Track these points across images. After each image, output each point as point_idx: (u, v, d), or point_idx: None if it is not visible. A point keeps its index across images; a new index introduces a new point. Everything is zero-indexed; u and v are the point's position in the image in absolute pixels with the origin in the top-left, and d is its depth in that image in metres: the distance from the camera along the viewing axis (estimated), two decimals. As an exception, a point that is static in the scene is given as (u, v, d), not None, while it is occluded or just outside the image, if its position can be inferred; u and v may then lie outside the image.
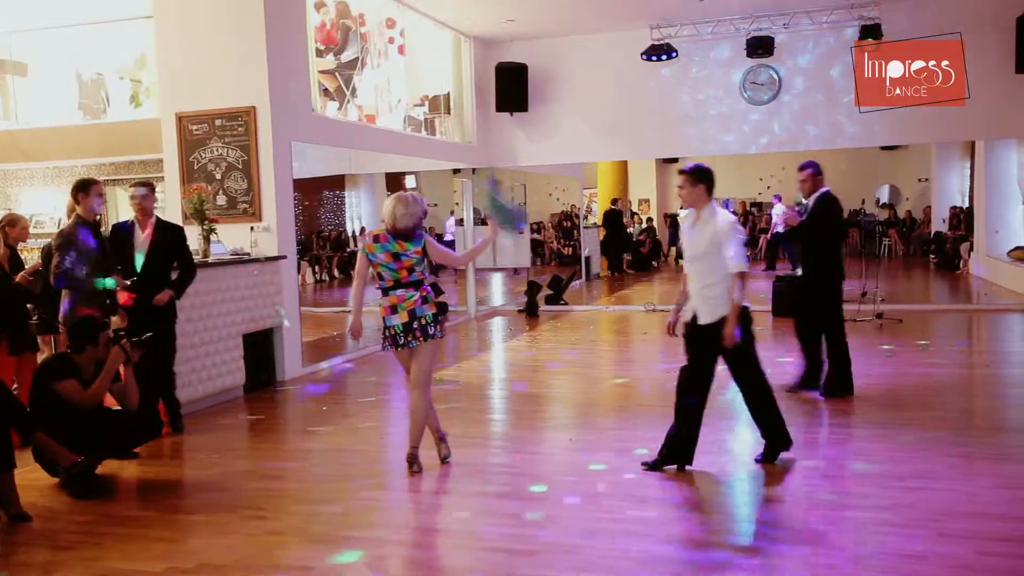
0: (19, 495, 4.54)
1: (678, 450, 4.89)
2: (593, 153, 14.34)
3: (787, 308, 11.05)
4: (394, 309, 5.04)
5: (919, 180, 22.05)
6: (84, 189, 5.86)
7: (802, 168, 6.86)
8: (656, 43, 11.97)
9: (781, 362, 7.82)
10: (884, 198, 13.04)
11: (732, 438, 5.71)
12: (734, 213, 18.93)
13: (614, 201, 20.08)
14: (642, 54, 12.00)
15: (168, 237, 6.21)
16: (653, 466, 4.93)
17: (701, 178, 5.08)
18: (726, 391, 5.99)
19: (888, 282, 13.06)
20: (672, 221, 22.51)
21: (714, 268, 4.82)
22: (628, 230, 21.29)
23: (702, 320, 4.87)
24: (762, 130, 12.26)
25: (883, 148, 18.65)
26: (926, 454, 5.11)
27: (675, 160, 23.28)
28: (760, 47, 11.66)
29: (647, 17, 11.83)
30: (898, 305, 11.26)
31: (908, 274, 17.17)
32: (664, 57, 11.96)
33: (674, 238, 22.32)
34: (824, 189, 6.81)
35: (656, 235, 21.65)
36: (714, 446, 5.32)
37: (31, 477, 5.00)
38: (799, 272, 7.65)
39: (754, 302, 6.45)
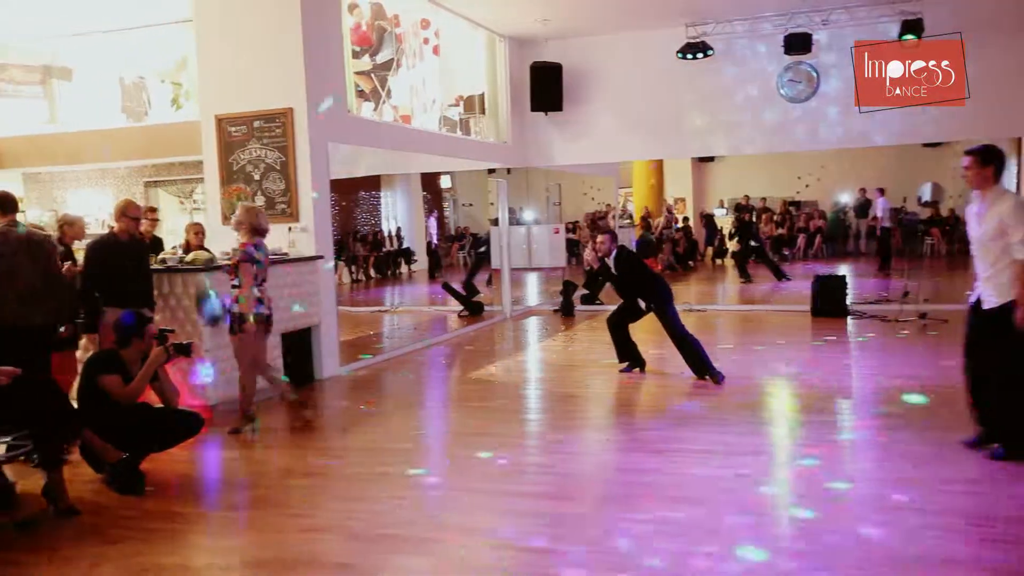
0: (67, 490, 4.65)
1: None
2: (628, 152, 14.28)
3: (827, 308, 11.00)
4: (261, 301, 6.21)
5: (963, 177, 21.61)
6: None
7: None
8: (692, 41, 11.88)
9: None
10: (926, 196, 12.77)
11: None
12: (741, 214, 18.69)
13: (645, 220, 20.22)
14: (677, 52, 11.92)
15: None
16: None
17: (990, 159, 4.85)
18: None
19: (931, 282, 12.81)
20: (708, 220, 22.31)
21: (1002, 252, 4.69)
22: (664, 230, 21.16)
23: (987, 304, 4.76)
24: (800, 128, 12.11)
25: (925, 145, 18.29)
26: (972, 457, 5.01)
27: (711, 159, 23.11)
28: (798, 44, 11.51)
29: (683, 15, 11.74)
30: (942, 305, 11.04)
31: (952, 274, 16.83)
32: (700, 55, 11.87)
33: (710, 237, 22.13)
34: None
35: (692, 235, 21.46)
36: (746, 447, 5.25)
37: (78, 472, 5.11)
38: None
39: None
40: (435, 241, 20.80)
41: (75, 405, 5.02)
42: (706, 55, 11.87)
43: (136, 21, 11.36)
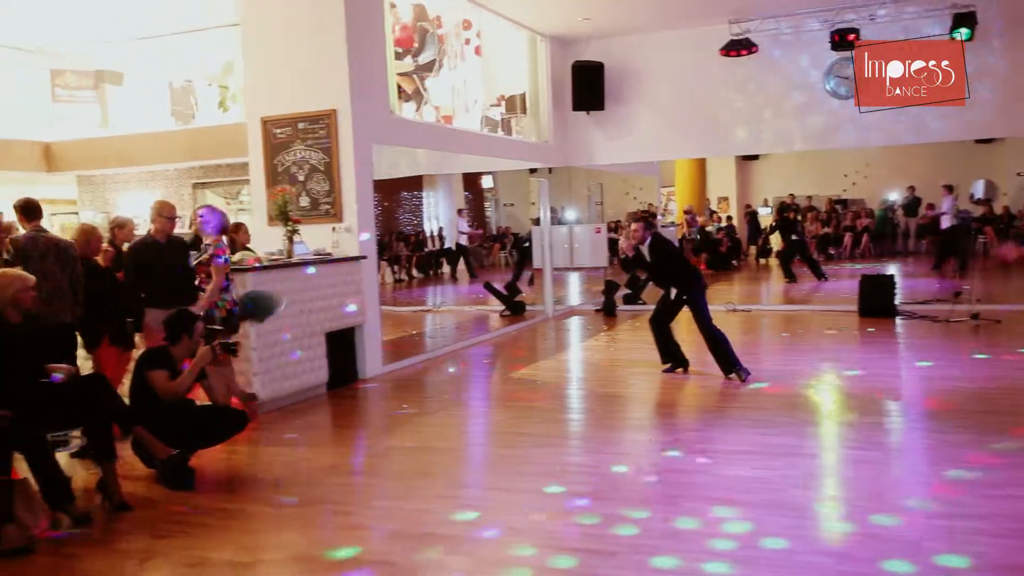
0: (120, 485, 4.76)
1: None
2: (671, 151, 14.18)
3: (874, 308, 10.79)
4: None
5: (1017, 174, 21.03)
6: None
7: None
8: (735, 38, 11.74)
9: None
10: (979, 193, 12.49)
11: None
12: (786, 213, 18.24)
13: (688, 212, 20.08)
14: (721, 50, 11.79)
15: None
16: None
17: None
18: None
19: (984, 282, 12.48)
20: (751, 217, 22.02)
21: None
22: (707, 228, 20.98)
23: None
24: (847, 125, 11.91)
25: (978, 141, 17.83)
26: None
27: (755, 157, 22.81)
28: (845, 40, 11.30)
29: (726, 12, 11.61)
30: (995, 305, 10.77)
31: (1006, 273, 16.39)
32: (744, 52, 11.73)
33: (754, 235, 21.85)
34: None
35: (735, 234, 21.22)
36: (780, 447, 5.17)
37: (130, 468, 5.23)
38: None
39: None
40: (462, 240, 20.80)
41: (128, 402, 5.15)
42: (750, 52, 11.73)
43: (184, 26, 11.61)
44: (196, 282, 6.29)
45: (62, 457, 5.40)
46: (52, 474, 4.45)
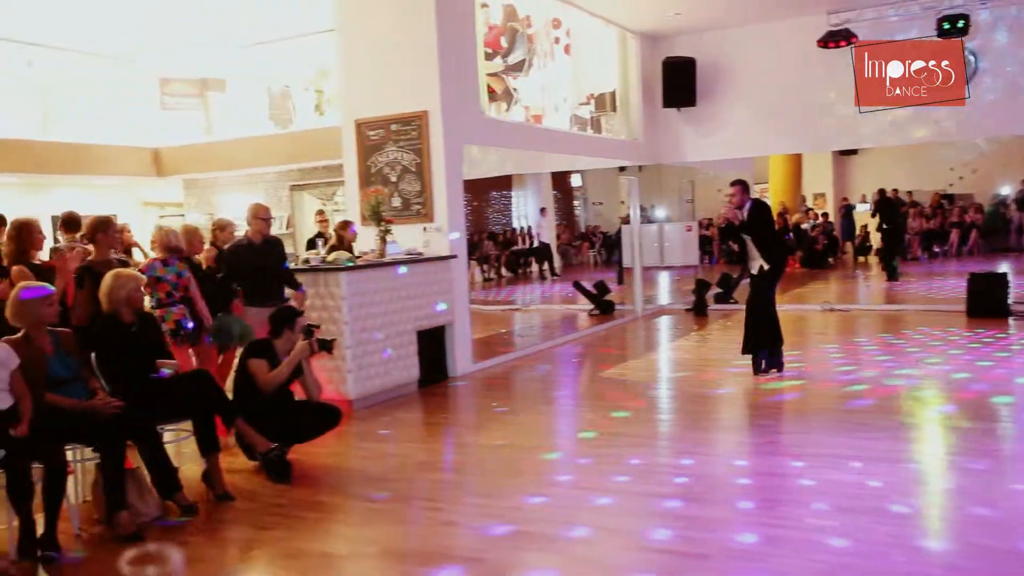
0: (224, 477, 4.96)
1: None
2: (765, 147, 13.82)
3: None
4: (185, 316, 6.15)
5: None
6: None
7: None
8: (834, 29, 11.35)
9: None
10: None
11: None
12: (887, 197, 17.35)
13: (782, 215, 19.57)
14: (818, 41, 11.42)
15: None
16: None
17: None
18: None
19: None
20: (846, 211, 21.23)
21: None
22: (803, 226, 20.39)
23: None
24: (954, 117, 11.35)
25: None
26: None
27: (854, 152, 22.01)
28: (954, 26, 10.78)
29: (824, 2, 11.25)
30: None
31: None
32: (843, 43, 11.31)
33: (849, 231, 21.07)
34: None
35: (832, 231, 20.53)
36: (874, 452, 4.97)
37: (234, 461, 5.44)
38: None
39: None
40: (542, 239, 20.82)
41: (232, 395, 5.36)
42: (849, 43, 11.30)
43: (282, 33, 12.00)
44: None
45: (170, 448, 5.65)
46: (163, 464, 4.68)
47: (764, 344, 7.52)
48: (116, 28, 11.40)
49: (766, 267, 7.44)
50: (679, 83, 12.50)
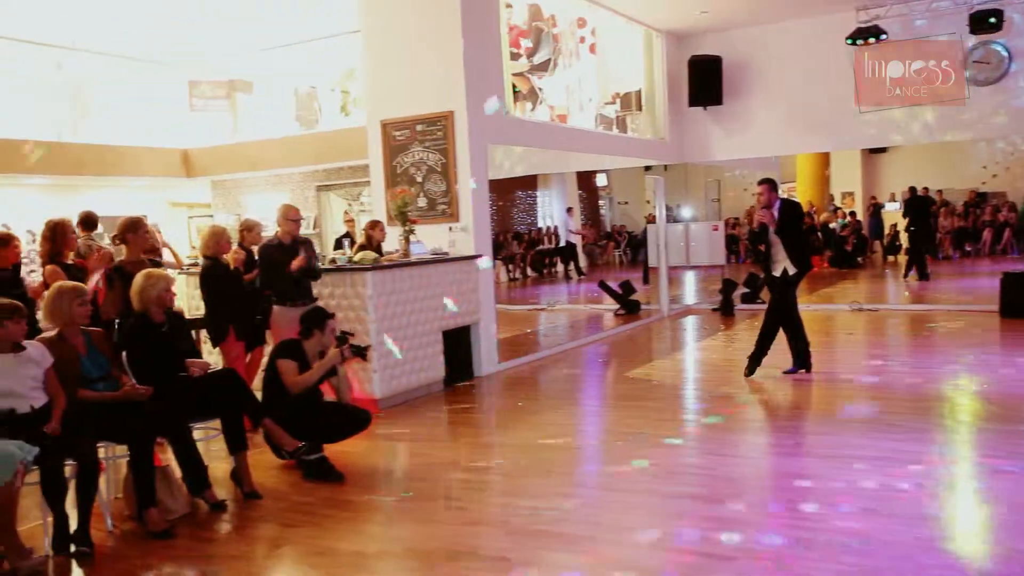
0: (252, 475, 5.00)
1: None
2: (792, 145, 13.70)
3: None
4: None
5: None
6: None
7: None
8: (863, 25, 11.22)
9: None
10: None
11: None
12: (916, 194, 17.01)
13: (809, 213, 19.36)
14: (847, 38, 11.30)
15: None
16: None
17: None
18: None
19: None
20: (874, 210, 20.97)
21: None
22: (831, 225, 20.18)
23: None
24: (986, 113, 11.18)
25: None
26: None
27: (883, 150, 21.76)
28: (986, 22, 10.60)
29: (853, -1, 11.14)
30: None
31: None
32: (872, 40, 11.18)
33: (877, 230, 20.82)
34: None
35: (861, 230, 20.30)
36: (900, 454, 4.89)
37: (261, 459, 5.49)
38: None
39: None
40: (572, 239, 20.82)
41: (261, 393, 5.40)
42: (879, 40, 11.18)
43: (308, 34, 12.09)
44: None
45: (199, 447, 5.71)
46: (194, 461, 4.73)
47: (762, 355, 7.48)
48: (146, 31, 11.55)
49: (791, 270, 7.33)
50: (705, 82, 12.43)
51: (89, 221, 7.39)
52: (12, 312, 4.21)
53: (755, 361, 7.54)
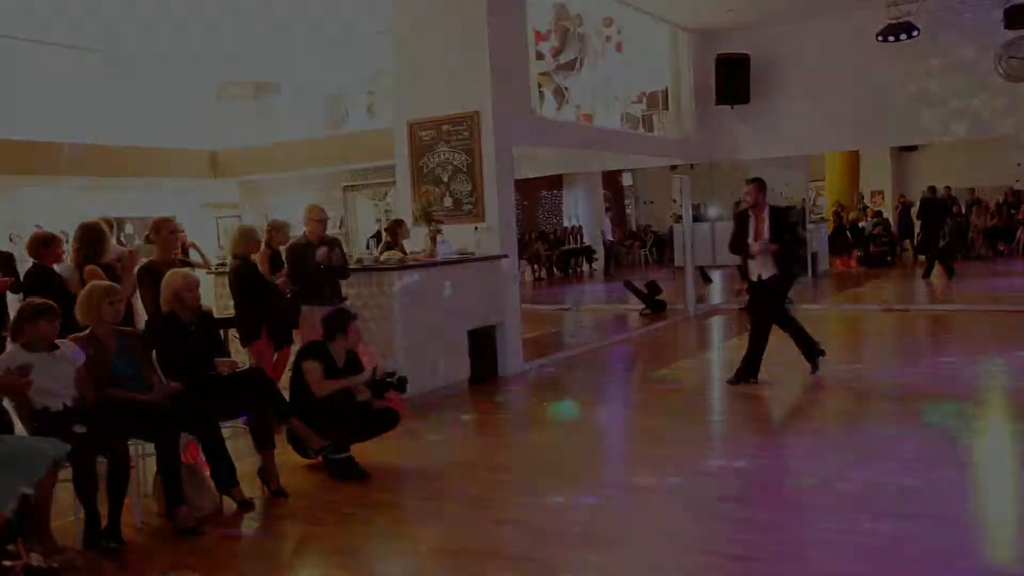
0: (278, 473, 5.04)
1: None
2: (822, 144, 13.58)
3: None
4: None
5: None
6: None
7: None
8: (894, 22, 11.06)
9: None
10: None
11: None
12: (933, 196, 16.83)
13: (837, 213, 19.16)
14: (877, 35, 11.14)
15: None
16: None
17: None
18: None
19: None
20: (903, 208, 20.67)
21: None
22: (860, 224, 19.93)
23: None
24: (1021, 110, 10.98)
25: None
26: None
27: (914, 148, 21.45)
28: (1022, 16, 10.40)
29: (883, -5, 10.98)
30: None
31: None
32: (903, 36, 11.01)
33: (906, 229, 20.51)
34: None
35: (891, 229, 20.03)
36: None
37: (287, 458, 5.52)
38: None
39: None
40: (609, 238, 20.84)
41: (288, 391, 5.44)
42: (910, 36, 11.02)
43: (335, 36, 12.16)
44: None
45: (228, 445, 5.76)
46: (222, 459, 4.77)
47: (757, 361, 7.16)
48: (175, 32, 11.68)
49: (765, 275, 7.04)
50: (732, 80, 12.33)
51: (108, 226, 7.31)
52: (46, 311, 4.28)
53: (746, 371, 7.22)
